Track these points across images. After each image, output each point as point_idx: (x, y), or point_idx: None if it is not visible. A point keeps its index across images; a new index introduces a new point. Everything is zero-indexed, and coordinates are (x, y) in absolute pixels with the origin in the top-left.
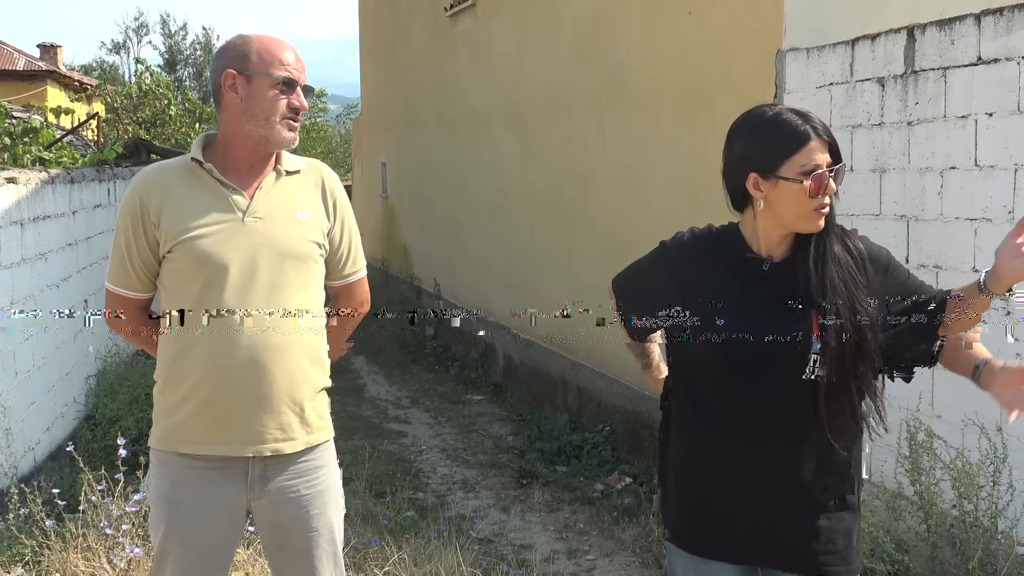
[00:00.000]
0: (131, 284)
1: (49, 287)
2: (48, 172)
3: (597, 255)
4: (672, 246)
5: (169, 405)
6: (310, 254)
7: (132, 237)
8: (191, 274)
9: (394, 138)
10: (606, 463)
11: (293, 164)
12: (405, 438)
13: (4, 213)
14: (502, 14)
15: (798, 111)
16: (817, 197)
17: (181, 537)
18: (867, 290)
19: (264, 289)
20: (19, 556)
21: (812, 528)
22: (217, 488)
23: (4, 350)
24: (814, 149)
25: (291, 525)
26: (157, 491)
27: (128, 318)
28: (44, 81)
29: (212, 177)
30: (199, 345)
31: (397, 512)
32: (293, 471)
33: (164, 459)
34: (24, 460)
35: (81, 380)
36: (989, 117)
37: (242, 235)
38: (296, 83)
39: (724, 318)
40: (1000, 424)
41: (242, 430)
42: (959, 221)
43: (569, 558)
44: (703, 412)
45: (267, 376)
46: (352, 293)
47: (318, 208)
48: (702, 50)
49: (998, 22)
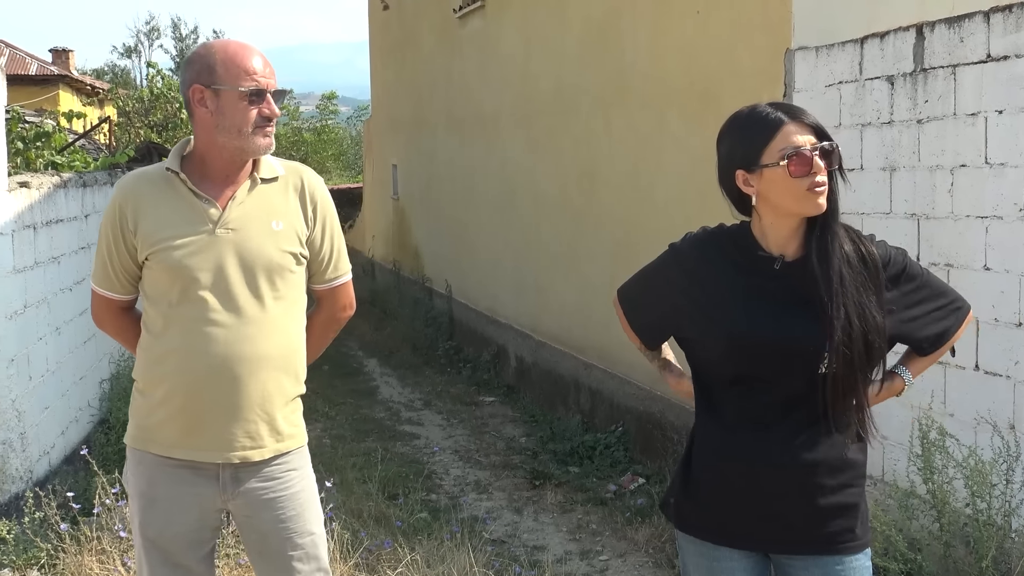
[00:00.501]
0: (113, 287)
1: (63, 290)
2: (60, 176)
3: (604, 254)
4: (684, 246)
5: (146, 406)
6: (284, 264)
7: (112, 243)
8: (167, 283)
9: (404, 139)
10: (619, 463)
11: (272, 170)
12: (418, 440)
13: (17, 217)
14: (510, 15)
15: (775, 103)
16: (805, 177)
17: (156, 533)
18: (875, 293)
19: (237, 300)
20: (34, 559)
21: (820, 511)
22: (190, 487)
23: (18, 355)
24: (791, 132)
25: (267, 529)
26: (135, 487)
27: (111, 318)
28: (56, 85)
29: (186, 187)
30: (174, 353)
31: (410, 514)
32: (265, 474)
33: (140, 457)
34: (39, 464)
35: (95, 384)
36: (999, 114)
37: (214, 247)
38: (265, 91)
39: (736, 317)
40: (1013, 422)
41: (212, 437)
42: (970, 219)
43: (582, 559)
44: (714, 406)
45: (238, 386)
46: (336, 297)
47: (296, 214)
48: (709, 49)
49: (1007, 19)
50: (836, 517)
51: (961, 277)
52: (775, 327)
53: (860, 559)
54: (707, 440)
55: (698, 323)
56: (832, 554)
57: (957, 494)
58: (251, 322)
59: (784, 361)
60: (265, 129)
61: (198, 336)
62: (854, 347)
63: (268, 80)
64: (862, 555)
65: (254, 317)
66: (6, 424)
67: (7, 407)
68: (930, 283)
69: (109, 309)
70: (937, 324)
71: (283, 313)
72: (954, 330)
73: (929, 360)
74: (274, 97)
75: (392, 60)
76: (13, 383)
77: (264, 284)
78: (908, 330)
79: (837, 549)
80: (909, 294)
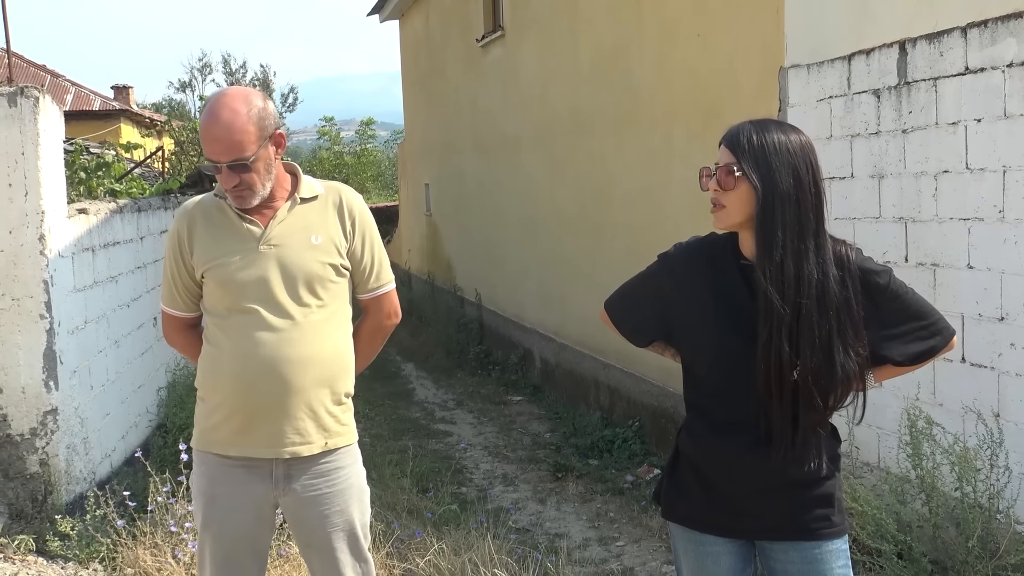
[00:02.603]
0: (177, 305)
1: (120, 306)
2: (117, 202)
3: (620, 264)
4: (673, 255)
5: (205, 411)
6: (324, 275)
7: (174, 265)
8: (220, 296)
9: (435, 161)
10: (636, 456)
11: (311, 190)
12: (450, 437)
13: (76, 241)
14: (528, 43)
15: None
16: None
17: (217, 528)
18: (848, 299)
19: (284, 308)
20: (96, 553)
21: (799, 504)
22: (246, 486)
23: (80, 366)
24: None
25: (314, 522)
26: (198, 487)
27: (178, 335)
28: (118, 119)
29: (233, 211)
30: (227, 359)
31: (440, 506)
32: (315, 471)
33: (202, 458)
34: (101, 466)
35: (153, 392)
36: (978, 123)
37: (258, 261)
38: (221, 166)
39: (718, 322)
40: (997, 411)
41: (264, 435)
42: (953, 221)
43: (600, 545)
44: (700, 402)
45: (285, 386)
46: (381, 306)
47: (335, 229)
48: (710, 70)
49: (983, 34)
50: (814, 508)
51: (946, 276)
52: (752, 329)
53: (837, 543)
54: (692, 437)
55: (685, 328)
56: (810, 540)
57: (945, 479)
58: (295, 328)
59: (741, 362)
60: (235, 192)
61: (248, 342)
62: (817, 349)
63: (220, 155)
64: (839, 540)
65: (298, 323)
66: (70, 430)
67: (71, 415)
68: (915, 302)
69: (175, 326)
70: (919, 343)
71: (326, 320)
72: (936, 351)
73: (901, 371)
74: (233, 167)
75: (422, 88)
76: (76, 392)
77: (306, 293)
78: (889, 346)
79: (815, 535)
80: (892, 312)
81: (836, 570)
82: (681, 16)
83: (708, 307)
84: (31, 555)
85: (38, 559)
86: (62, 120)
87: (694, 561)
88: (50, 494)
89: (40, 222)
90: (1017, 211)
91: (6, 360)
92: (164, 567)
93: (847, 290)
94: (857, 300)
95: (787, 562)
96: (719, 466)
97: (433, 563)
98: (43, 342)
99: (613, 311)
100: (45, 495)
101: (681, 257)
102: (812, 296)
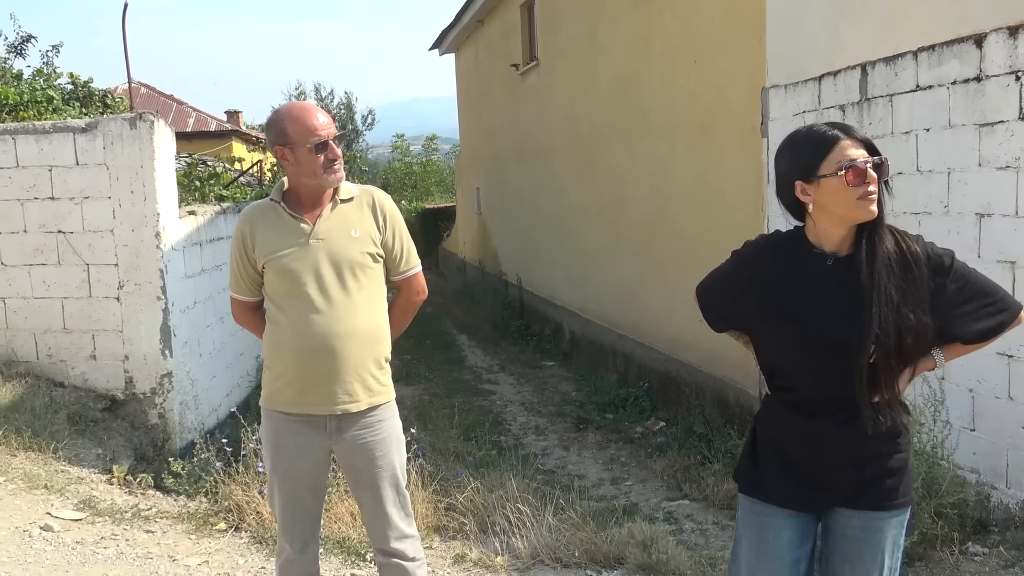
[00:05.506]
0: (242, 291)
1: (224, 289)
2: (221, 205)
3: (632, 255)
4: (746, 251)
5: (270, 377)
6: (363, 262)
7: (239, 258)
8: (278, 283)
9: (483, 169)
10: (645, 411)
11: (349, 193)
12: (494, 395)
13: (186, 237)
14: (558, 71)
15: (830, 122)
16: (860, 186)
17: (283, 471)
18: (916, 290)
19: (331, 291)
20: (201, 488)
21: (868, 477)
22: (305, 437)
23: (190, 338)
24: (847, 147)
25: (361, 465)
26: (266, 438)
27: (244, 315)
28: (230, 138)
29: (286, 212)
30: (287, 334)
31: (481, 451)
32: (361, 424)
33: (269, 414)
34: (209, 419)
35: (252, 359)
36: (927, 132)
37: (309, 252)
38: (327, 140)
39: (792, 312)
40: (941, 374)
41: (320, 396)
42: (906, 215)
43: (612, 484)
44: (777, 386)
45: (336, 356)
46: (410, 285)
47: (370, 224)
48: (705, 91)
49: (931, 56)
50: (887, 478)
51: None
52: (826, 320)
53: (898, 515)
54: (769, 417)
55: (760, 318)
56: (875, 510)
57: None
58: (342, 307)
59: (832, 350)
60: (333, 167)
61: (303, 321)
62: (890, 340)
63: (328, 130)
64: (902, 513)
65: (344, 303)
66: (183, 389)
67: (183, 377)
68: (979, 282)
69: (242, 309)
70: (986, 320)
71: (367, 299)
72: (1004, 327)
73: (969, 349)
74: (336, 140)
75: (473, 109)
76: (187, 359)
77: (349, 278)
78: (955, 324)
79: (881, 506)
80: (956, 292)
81: (891, 538)
82: (682, 44)
83: (783, 297)
84: (151, 489)
85: (156, 493)
86: (173, 139)
87: (756, 533)
88: (167, 441)
89: (156, 222)
90: (959, 206)
91: (131, 333)
92: (252, 500)
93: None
94: (923, 283)
95: (848, 527)
96: (805, 444)
97: (470, 498)
98: (160, 319)
99: (701, 299)
100: (163, 442)
101: (754, 252)
102: (895, 281)
